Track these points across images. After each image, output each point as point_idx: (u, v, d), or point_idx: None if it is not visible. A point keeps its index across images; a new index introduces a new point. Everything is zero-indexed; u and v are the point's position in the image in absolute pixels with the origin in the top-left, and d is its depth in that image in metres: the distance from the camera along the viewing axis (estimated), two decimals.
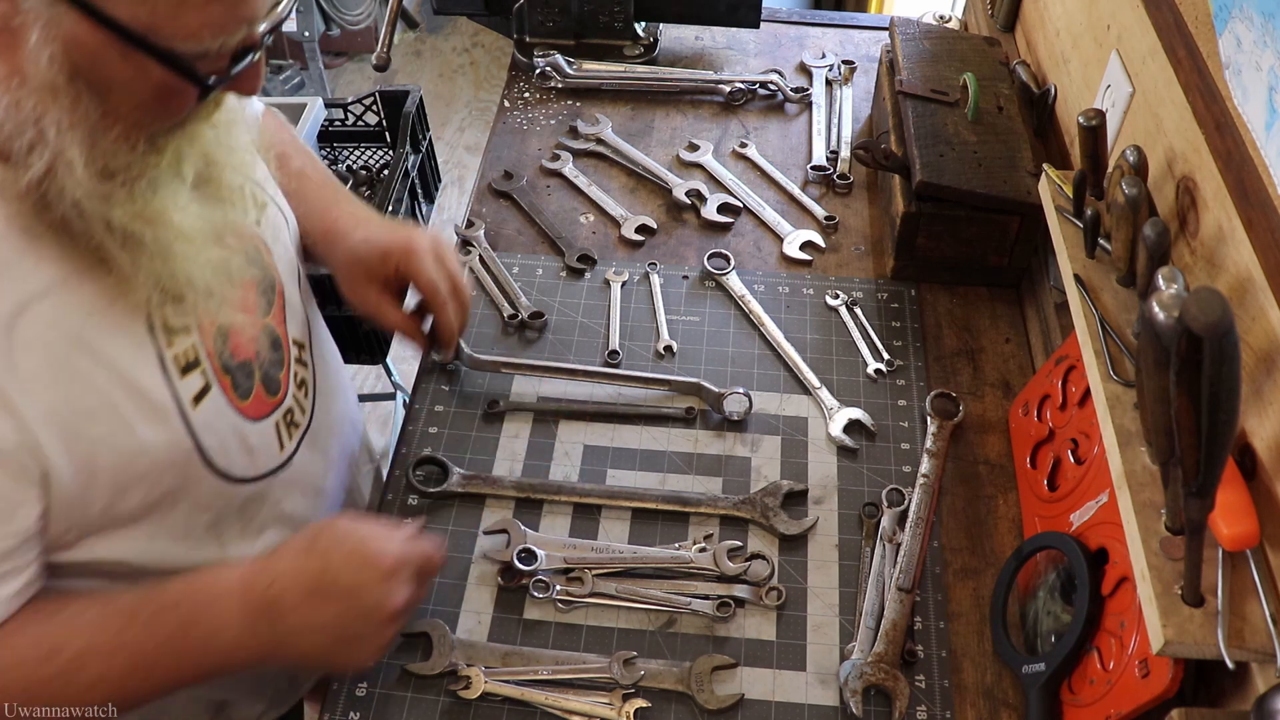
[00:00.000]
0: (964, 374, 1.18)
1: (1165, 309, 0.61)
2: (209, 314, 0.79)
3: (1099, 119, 0.89)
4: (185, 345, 0.79)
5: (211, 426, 0.81)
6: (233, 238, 0.81)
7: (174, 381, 0.77)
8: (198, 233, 0.75)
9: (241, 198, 0.83)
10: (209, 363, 0.81)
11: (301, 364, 0.96)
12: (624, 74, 1.55)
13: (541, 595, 0.98)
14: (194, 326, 0.79)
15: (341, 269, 1.02)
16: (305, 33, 3.25)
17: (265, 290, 0.90)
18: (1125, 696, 0.79)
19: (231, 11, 0.65)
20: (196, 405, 0.79)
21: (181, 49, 0.64)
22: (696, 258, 1.30)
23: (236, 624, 0.79)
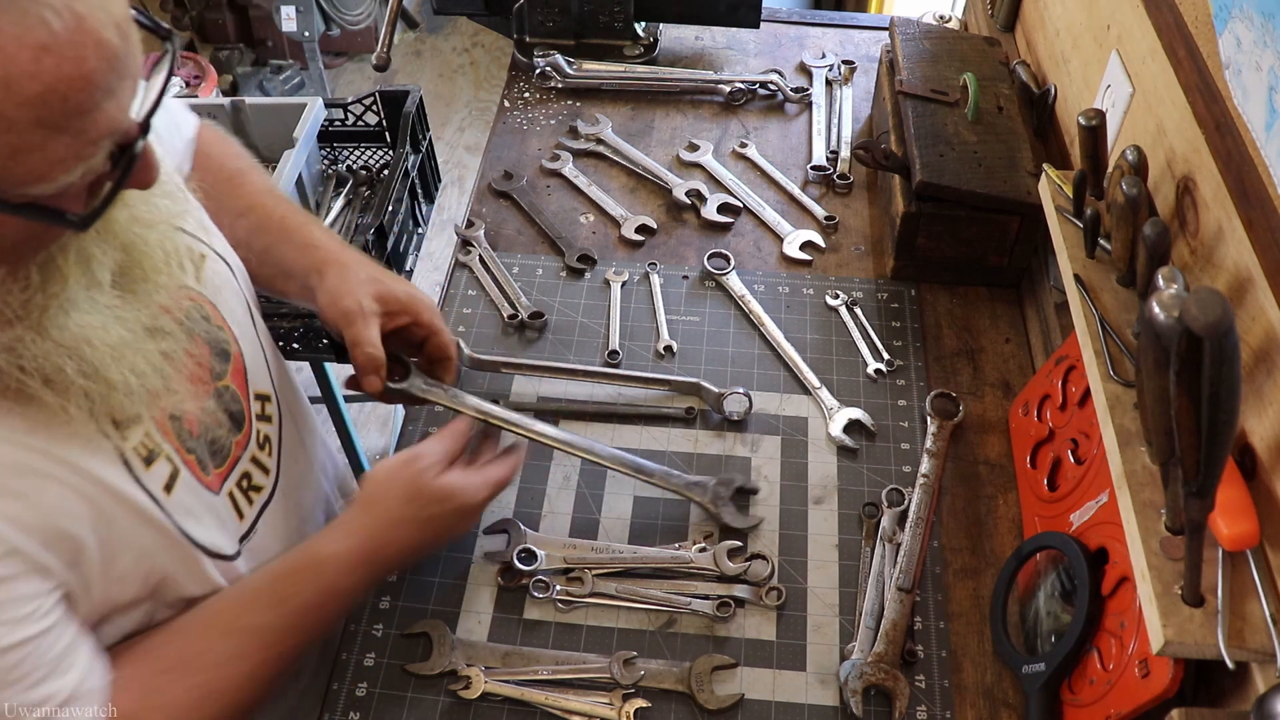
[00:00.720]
0: (964, 374, 1.18)
1: (1165, 309, 0.61)
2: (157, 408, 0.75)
3: (1099, 119, 0.89)
4: (139, 435, 0.75)
5: (188, 510, 0.79)
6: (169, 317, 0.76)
7: (140, 476, 0.74)
8: (128, 340, 0.70)
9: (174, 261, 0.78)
10: (169, 445, 0.78)
11: (264, 419, 0.92)
12: (624, 74, 1.55)
13: (541, 595, 0.98)
14: (144, 415, 0.75)
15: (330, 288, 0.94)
16: (305, 33, 3.25)
17: (218, 350, 0.86)
18: (1125, 696, 0.79)
19: (81, 137, 0.58)
20: (169, 492, 0.77)
21: (36, 193, 0.58)
22: (696, 258, 1.30)
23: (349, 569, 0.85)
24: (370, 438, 2.66)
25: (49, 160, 0.57)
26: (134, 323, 0.72)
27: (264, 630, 0.81)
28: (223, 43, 3.28)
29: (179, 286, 0.79)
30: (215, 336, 0.85)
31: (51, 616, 0.69)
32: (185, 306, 0.80)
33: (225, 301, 0.88)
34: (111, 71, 0.58)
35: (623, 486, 1.07)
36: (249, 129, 1.65)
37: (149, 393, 0.72)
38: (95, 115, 0.58)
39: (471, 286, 1.27)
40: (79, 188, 0.61)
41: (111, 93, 0.58)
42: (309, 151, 1.59)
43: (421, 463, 0.90)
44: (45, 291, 0.65)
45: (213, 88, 2.81)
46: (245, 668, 0.79)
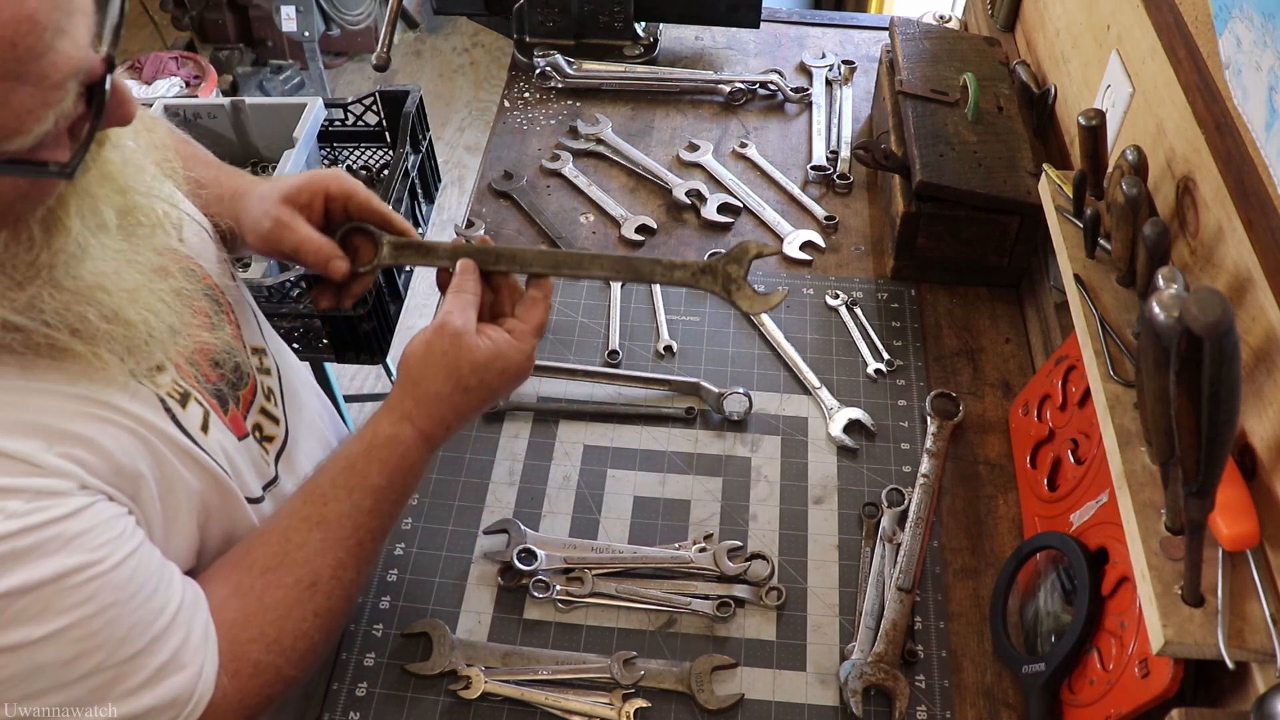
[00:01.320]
0: (964, 374, 1.18)
1: (1165, 309, 0.61)
2: (180, 347, 0.76)
3: (1099, 119, 0.89)
4: (169, 382, 0.76)
5: (223, 450, 0.80)
6: (173, 261, 0.77)
7: (179, 417, 0.76)
8: (142, 280, 0.71)
9: (164, 221, 0.79)
10: (196, 391, 0.79)
11: (264, 372, 0.93)
12: (624, 74, 1.55)
13: (541, 595, 0.98)
14: (167, 364, 0.76)
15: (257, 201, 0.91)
16: (305, 33, 3.25)
17: (213, 306, 0.86)
18: (1125, 696, 0.79)
19: (43, 83, 0.56)
20: (205, 433, 0.78)
21: (13, 149, 0.57)
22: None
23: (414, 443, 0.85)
24: None
25: (16, 113, 0.56)
26: (144, 265, 0.72)
27: (346, 516, 0.82)
28: (223, 43, 3.28)
29: (168, 248, 0.79)
30: (210, 292, 0.86)
31: (138, 535, 0.70)
32: (181, 259, 0.81)
33: (207, 262, 0.88)
34: (56, 9, 0.56)
35: (623, 486, 1.07)
36: (249, 129, 1.65)
37: (169, 329, 0.73)
38: (52, 57, 0.56)
39: None
40: (58, 136, 0.60)
41: (62, 30, 0.56)
42: (309, 151, 1.59)
43: (452, 327, 0.85)
44: (50, 248, 0.64)
45: (213, 88, 2.81)
46: (339, 554, 0.81)
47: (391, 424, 0.85)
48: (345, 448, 0.86)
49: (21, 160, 0.58)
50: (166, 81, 2.74)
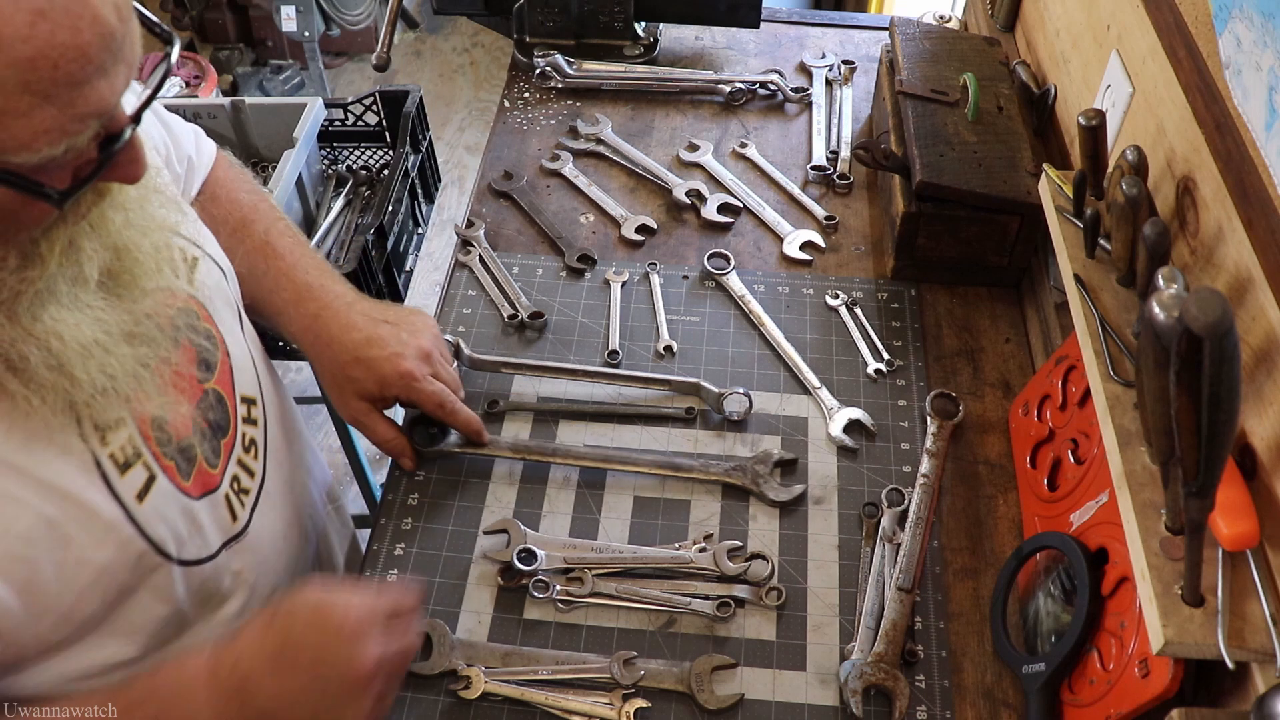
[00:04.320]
0: (964, 374, 1.18)
1: (1165, 309, 0.61)
2: (139, 407, 0.74)
3: (1099, 119, 0.89)
4: (121, 440, 0.74)
5: (161, 516, 0.77)
6: (153, 322, 0.75)
7: (114, 483, 0.73)
8: (100, 341, 0.69)
9: (165, 264, 0.78)
10: (149, 451, 0.77)
11: (250, 423, 0.92)
12: (624, 74, 1.55)
13: (541, 595, 0.98)
14: (128, 418, 0.75)
15: (331, 381, 1.01)
16: (305, 33, 3.25)
17: (206, 354, 0.85)
18: (1125, 696, 0.79)
19: (68, 110, 0.57)
20: (142, 500, 0.76)
21: (16, 162, 0.57)
22: (696, 258, 1.30)
23: (208, 712, 0.74)
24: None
25: (33, 129, 0.56)
26: (113, 326, 0.71)
27: None
28: (223, 43, 3.28)
29: (169, 290, 0.79)
30: (203, 340, 0.85)
31: None
32: (173, 311, 0.80)
33: (215, 305, 0.89)
34: (105, 49, 0.58)
35: (623, 486, 1.07)
36: (249, 129, 1.65)
37: (120, 395, 0.71)
38: (85, 90, 0.57)
39: (471, 286, 1.27)
40: (63, 166, 0.61)
41: (104, 71, 0.58)
42: (309, 151, 1.59)
43: (352, 621, 0.75)
44: (21, 275, 0.64)
45: (213, 88, 2.81)
46: None
47: (201, 657, 0.76)
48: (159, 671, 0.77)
49: (20, 175, 0.58)
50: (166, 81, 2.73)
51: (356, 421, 1.02)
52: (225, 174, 1.06)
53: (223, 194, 1.04)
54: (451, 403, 1.03)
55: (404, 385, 1.00)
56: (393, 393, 1.00)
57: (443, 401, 1.02)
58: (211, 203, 1.03)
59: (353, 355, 0.99)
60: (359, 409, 1.01)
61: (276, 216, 1.06)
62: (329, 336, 1.00)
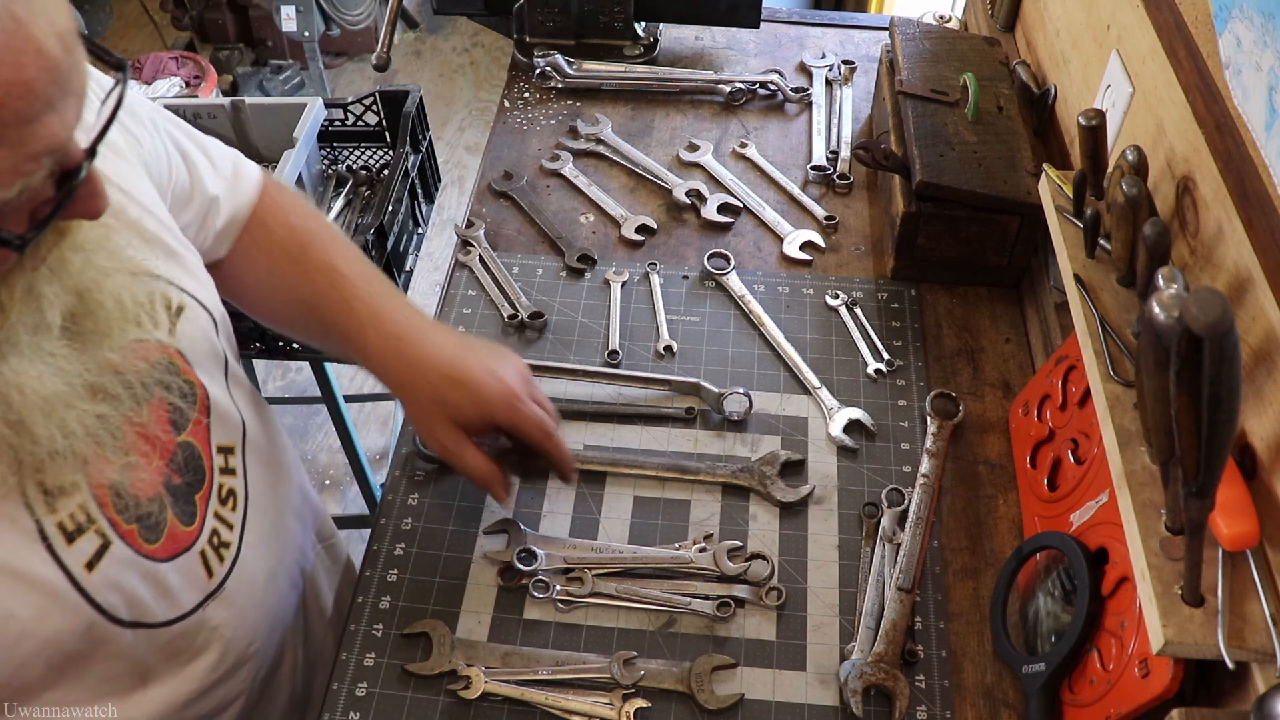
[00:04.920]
0: (964, 374, 1.18)
1: (1165, 309, 0.61)
2: (96, 471, 0.70)
3: (1099, 119, 0.89)
4: (72, 507, 0.70)
5: (115, 585, 0.73)
6: (117, 377, 0.72)
7: (60, 553, 0.69)
8: (63, 395, 0.66)
9: (143, 312, 0.75)
10: (105, 517, 0.73)
11: (228, 473, 0.87)
12: (624, 74, 1.55)
13: (541, 595, 0.98)
14: (82, 483, 0.70)
15: (419, 406, 0.92)
16: (305, 33, 3.25)
17: (182, 406, 0.81)
18: (1125, 696, 0.79)
19: (20, 150, 0.54)
20: (92, 570, 0.71)
21: None
22: (696, 258, 1.30)
23: None
24: (370, 437, 2.66)
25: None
26: (75, 377, 0.67)
27: None
28: (223, 43, 3.28)
29: (142, 341, 0.75)
30: (179, 395, 0.81)
31: None
32: (144, 365, 0.76)
33: (198, 353, 0.84)
34: (53, 83, 0.55)
35: (623, 485, 1.07)
36: (249, 129, 1.65)
37: (76, 456, 0.68)
38: (34, 127, 0.55)
39: (471, 286, 1.27)
40: (19, 209, 0.58)
41: (53, 106, 0.55)
42: (309, 151, 1.59)
43: None
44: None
45: (213, 88, 2.81)
46: None
47: None
48: None
49: None
50: (166, 81, 2.74)
51: (446, 451, 0.93)
52: (275, 200, 1.00)
53: (274, 221, 0.99)
54: (555, 430, 0.95)
55: (507, 406, 0.91)
56: (493, 414, 0.92)
57: (547, 428, 0.94)
58: (262, 231, 0.98)
59: (447, 375, 0.91)
60: (451, 437, 0.92)
61: (338, 240, 0.99)
62: (415, 358, 0.92)
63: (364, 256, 0.99)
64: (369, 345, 0.93)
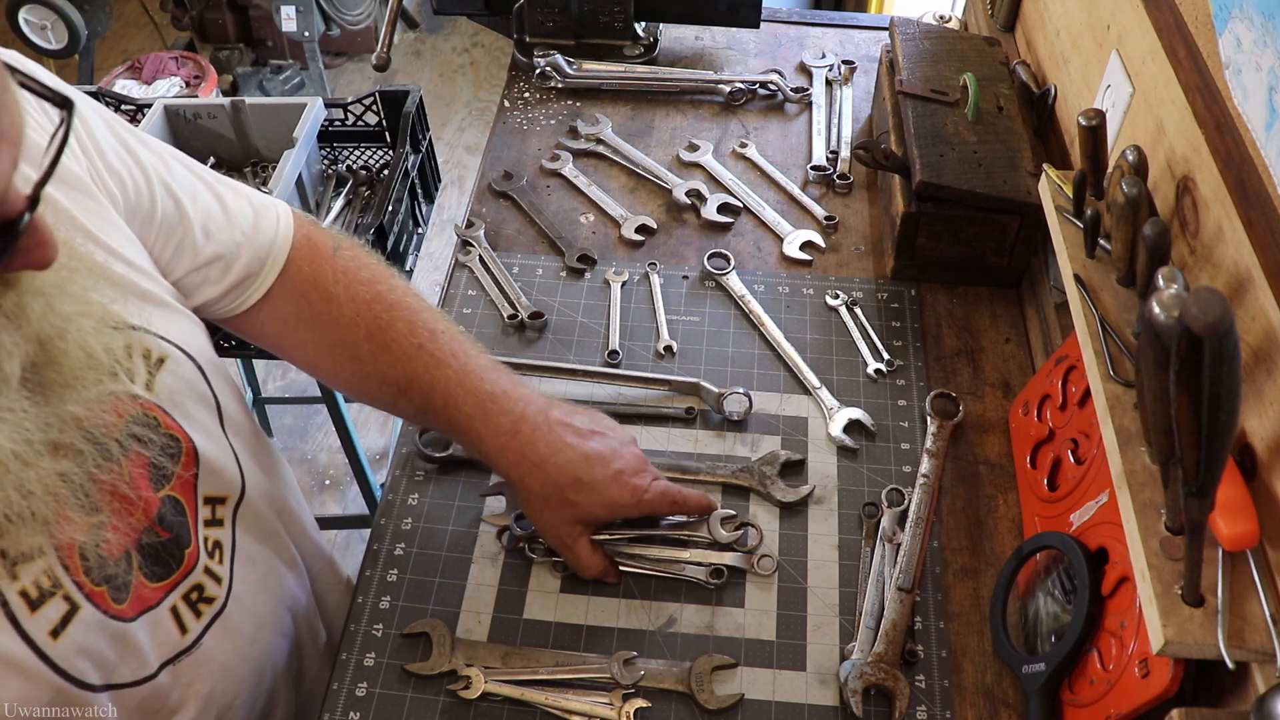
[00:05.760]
0: (964, 374, 1.18)
1: (1165, 309, 0.61)
2: (61, 533, 0.67)
3: (1099, 119, 0.89)
4: (35, 573, 0.67)
5: (83, 650, 0.70)
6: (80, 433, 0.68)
7: (22, 622, 0.66)
8: (21, 453, 0.62)
9: (118, 365, 0.71)
10: (72, 580, 0.69)
11: (215, 524, 0.83)
12: (624, 74, 1.55)
13: (539, 557, 0.99)
14: (47, 546, 0.67)
15: (542, 505, 0.92)
16: (305, 33, 3.25)
17: (165, 460, 0.77)
18: (1125, 696, 0.79)
19: None
20: (58, 637, 0.68)
21: None
22: (696, 258, 1.30)
23: None
24: (370, 438, 2.66)
25: None
26: (35, 433, 0.63)
27: None
28: (223, 43, 3.28)
29: (115, 395, 0.71)
30: (158, 449, 0.76)
31: None
32: (115, 420, 0.72)
33: (184, 406, 0.80)
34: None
35: None
36: (249, 129, 1.65)
37: (37, 517, 0.64)
38: None
39: (471, 286, 1.27)
40: None
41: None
42: (309, 151, 1.59)
43: None
44: None
45: (213, 88, 2.81)
46: None
47: None
48: None
49: None
50: (166, 81, 2.74)
51: (562, 544, 0.94)
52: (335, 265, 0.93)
53: (342, 291, 0.92)
54: (681, 495, 0.97)
55: (637, 504, 0.94)
56: (625, 514, 0.94)
57: (674, 499, 0.96)
58: (329, 304, 0.92)
59: (573, 478, 0.91)
60: (572, 533, 0.93)
61: (419, 309, 0.93)
62: (536, 457, 0.90)
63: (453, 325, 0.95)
64: (481, 440, 0.91)
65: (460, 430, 0.92)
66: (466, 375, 0.91)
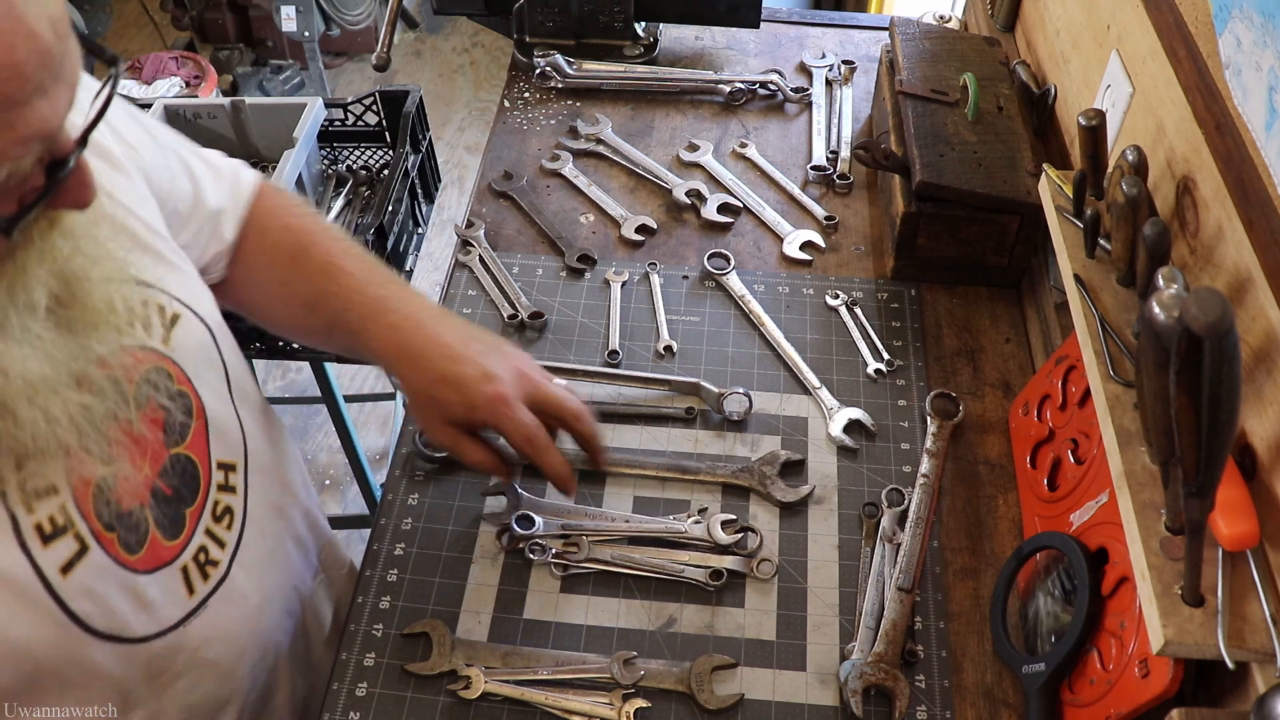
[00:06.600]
0: (964, 374, 1.18)
1: (1165, 309, 0.61)
2: (79, 470, 0.69)
3: (1099, 119, 0.89)
4: (51, 509, 0.69)
5: (90, 592, 0.72)
6: (104, 373, 0.71)
7: (34, 553, 0.68)
8: (49, 379, 0.65)
9: (135, 317, 0.74)
10: (85, 523, 0.71)
11: (227, 490, 0.85)
12: (624, 74, 1.55)
13: (538, 558, 0.99)
14: (62, 485, 0.69)
15: (415, 402, 0.92)
16: (305, 33, 3.25)
17: (176, 418, 0.79)
18: (1125, 696, 0.79)
19: (8, 133, 0.55)
20: (66, 574, 0.70)
21: None
22: (696, 258, 1.30)
23: None
24: (370, 437, 2.66)
25: None
26: (61, 364, 0.66)
27: None
28: (223, 43, 3.28)
29: (133, 346, 0.75)
30: (173, 403, 0.79)
31: None
32: (135, 366, 0.75)
33: (196, 366, 0.83)
34: (43, 68, 0.55)
35: (623, 485, 1.07)
36: (249, 129, 1.65)
37: (59, 445, 0.67)
38: (23, 110, 0.55)
39: (471, 286, 1.27)
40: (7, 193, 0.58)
41: (43, 91, 0.56)
42: (309, 151, 1.59)
43: None
44: None
45: (213, 88, 2.81)
46: None
47: None
48: None
49: None
50: (166, 81, 2.74)
51: (446, 446, 0.92)
52: (272, 203, 0.99)
53: (273, 223, 0.98)
54: (543, 441, 0.90)
55: (492, 411, 0.88)
56: (480, 418, 0.89)
57: (532, 437, 0.89)
58: (261, 234, 0.98)
59: (439, 373, 0.89)
60: (445, 434, 0.90)
61: (336, 236, 0.98)
62: (414, 350, 0.90)
63: (364, 251, 0.98)
64: (371, 338, 0.91)
65: (354, 333, 0.92)
66: (367, 284, 0.94)
